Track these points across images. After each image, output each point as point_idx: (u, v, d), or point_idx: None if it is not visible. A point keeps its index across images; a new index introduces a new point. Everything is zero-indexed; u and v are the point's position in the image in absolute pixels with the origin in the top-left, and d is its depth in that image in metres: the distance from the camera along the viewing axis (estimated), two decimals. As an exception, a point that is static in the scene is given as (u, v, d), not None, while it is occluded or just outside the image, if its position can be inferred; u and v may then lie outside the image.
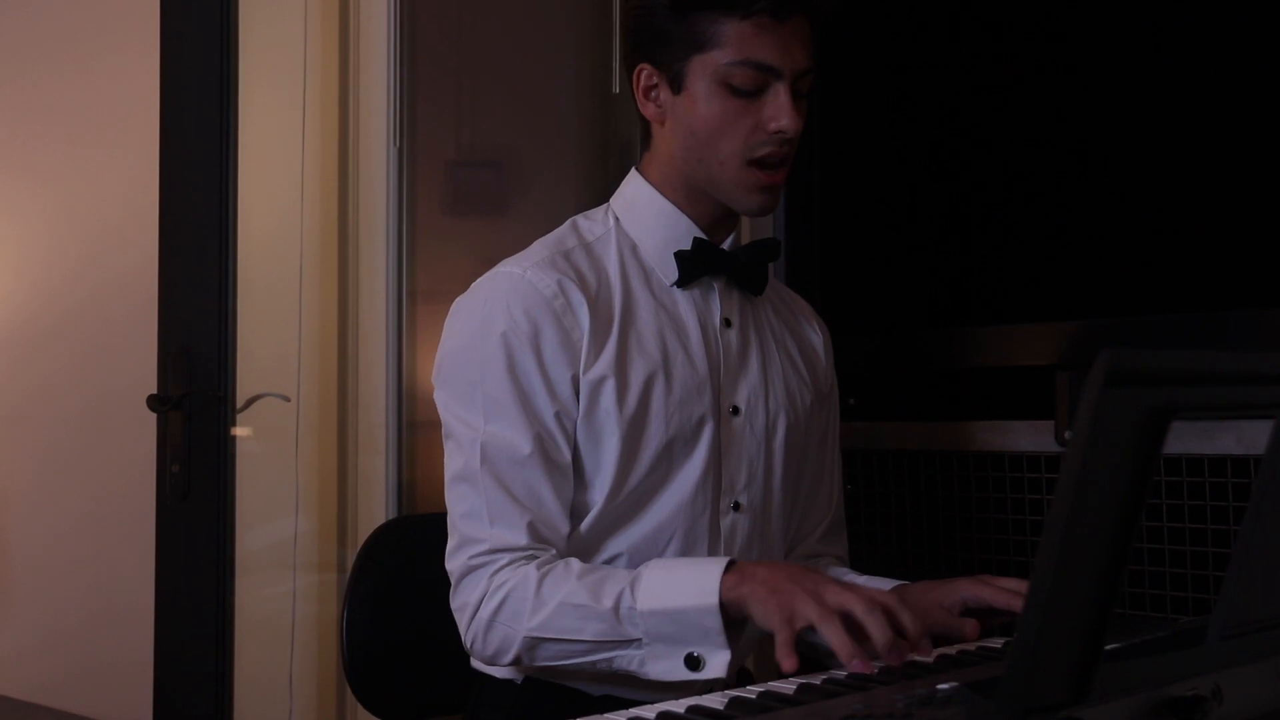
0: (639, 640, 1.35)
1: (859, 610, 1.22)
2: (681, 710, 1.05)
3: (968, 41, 2.17)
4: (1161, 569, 1.82)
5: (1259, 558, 0.90)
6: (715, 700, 1.08)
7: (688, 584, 1.33)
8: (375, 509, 2.74)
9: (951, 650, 1.36)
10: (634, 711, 1.05)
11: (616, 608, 1.35)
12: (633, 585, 1.36)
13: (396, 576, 1.72)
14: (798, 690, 1.12)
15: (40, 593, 2.84)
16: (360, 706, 1.72)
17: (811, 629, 1.24)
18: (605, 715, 1.04)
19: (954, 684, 0.89)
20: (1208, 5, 1.89)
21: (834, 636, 1.20)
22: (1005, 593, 1.43)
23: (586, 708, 1.16)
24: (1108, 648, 0.80)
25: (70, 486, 2.86)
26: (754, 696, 1.10)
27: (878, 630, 1.21)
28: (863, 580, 1.63)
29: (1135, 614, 1.83)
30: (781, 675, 1.22)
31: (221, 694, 2.39)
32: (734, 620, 1.32)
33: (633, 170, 1.62)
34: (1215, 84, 1.87)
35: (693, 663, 1.33)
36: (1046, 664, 0.76)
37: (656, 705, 1.07)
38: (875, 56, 2.22)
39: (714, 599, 1.31)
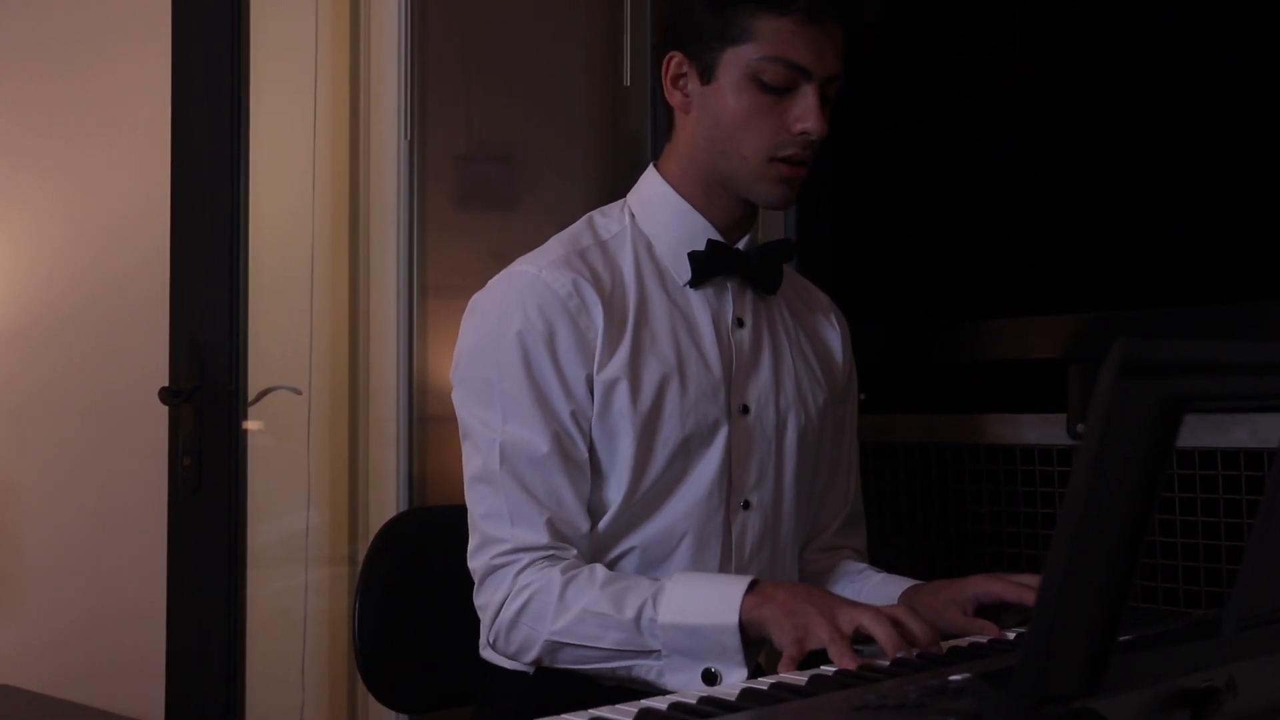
0: (658, 651, 1.37)
1: (866, 622, 1.25)
2: (693, 701, 1.05)
3: (978, 37, 2.16)
4: (1174, 562, 1.82)
5: (1273, 550, 0.90)
6: (728, 691, 1.08)
7: (710, 601, 1.35)
8: (386, 502, 2.74)
9: (963, 642, 1.36)
10: (646, 702, 1.05)
11: (638, 618, 1.37)
12: (655, 597, 1.37)
13: (408, 569, 1.73)
14: (809, 681, 1.12)
15: (52, 586, 2.84)
16: (372, 698, 1.72)
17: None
18: (617, 706, 1.04)
19: (966, 675, 0.89)
20: (1214, 2, 1.88)
21: (837, 656, 1.22)
22: (1017, 587, 1.44)
23: (598, 699, 1.16)
24: (1121, 639, 0.80)
25: (81, 480, 2.86)
26: (766, 688, 1.09)
27: (886, 639, 1.23)
28: (879, 578, 1.63)
29: (1148, 607, 1.83)
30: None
31: (233, 687, 2.39)
32: (752, 640, 1.34)
33: (650, 167, 1.62)
34: (1223, 76, 1.86)
35: (709, 678, 1.35)
36: (1060, 655, 0.76)
37: (669, 696, 1.07)
38: (887, 51, 2.21)
39: (734, 619, 1.33)
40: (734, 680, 1.33)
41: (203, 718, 2.41)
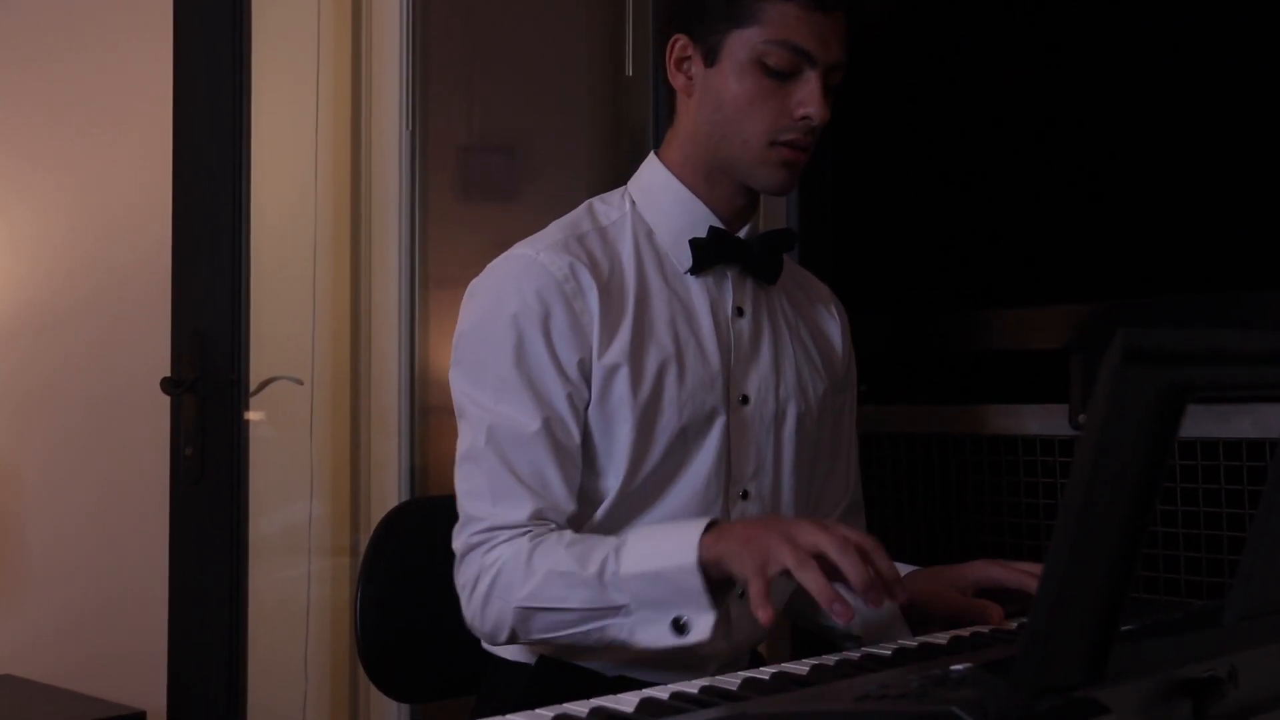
0: (626, 607, 1.34)
1: (833, 551, 1.20)
2: (695, 691, 1.05)
3: (981, 26, 2.16)
4: (1176, 552, 1.82)
5: (1275, 540, 0.90)
6: (729, 681, 1.08)
7: (668, 545, 1.32)
8: (388, 492, 2.74)
9: (965, 632, 1.36)
10: (648, 692, 1.05)
11: (601, 573, 1.35)
12: (617, 550, 1.35)
13: (410, 559, 1.73)
14: (811, 671, 1.12)
15: (54, 576, 2.85)
16: (374, 688, 1.72)
17: (787, 574, 1.22)
18: (618, 695, 1.04)
19: (968, 664, 0.89)
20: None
21: (811, 582, 1.18)
22: (1018, 572, 1.44)
23: (600, 689, 1.16)
24: (1122, 629, 0.80)
25: (84, 470, 2.87)
26: (767, 678, 1.10)
27: (853, 570, 1.18)
28: None
29: (1150, 597, 1.83)
30: (793, 658, 1.22)
31: (236, 677, 2.40)
32: (718, 582, 1.31)
33: (651, 154, 1.62)
34: (1227, 63, 1.86)
35: (680, 628, 1.31)
36: (1061, 645, 0.76)
37: (670, 686, 1.07)
38: (890, 41, 2.21)
39: (693, 557, 1.29)
40: (703, 626, 1.30)
41: (205, 707, 2.41)
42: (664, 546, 1.33)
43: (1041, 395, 1.99)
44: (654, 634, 1.33)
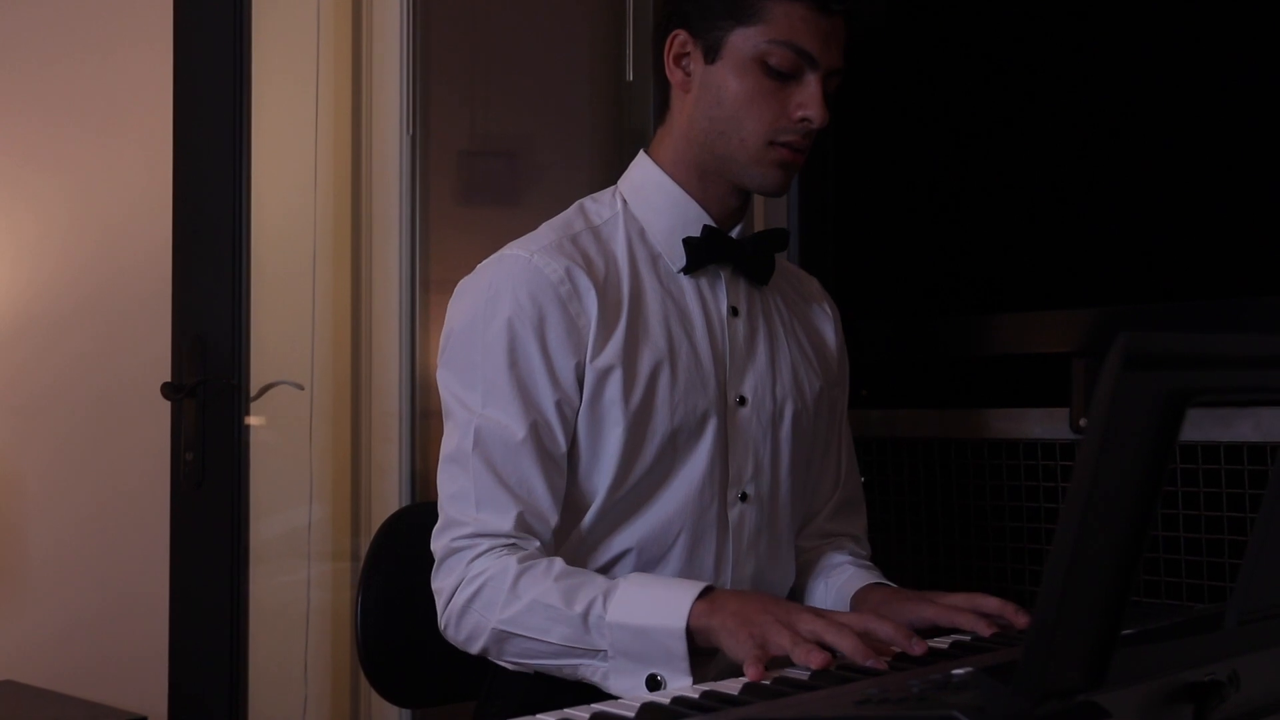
0: (604, 652, 1.34)
1: (829, 636, 1.19)
2: (696, 696, 1.05)
3: (982, 29, 2.16)
4: (1177, 556, 1.82)
5: (1276, 544, 0.90)
6: (730, 686, 1.08)
7: (659, 603, 1.31)
8: (389, 497, 2.74)
9: (966, 636, 1.36)
10: (650, 696, 1.05)
11: (586, 615, 1.34)
12: (606, 595, 1.35)
13: (410, 564, 1.72)
14: (812, 676, 1.12)
15: (55, 581, 2.85)
16: (375, 693, 1.72)
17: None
18: (620, 700, 1.04)
19: (969, 669, 0.89)
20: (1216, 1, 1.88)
21: (806, 659, 1.16)
22: (949, 610, 1.41)
23: (601, 695, 1.16)
24: (1124, 634, 0.80)
25: (85, 475, 2.87)
26: (769, 683, 1.10)
27: (851, 650, 1.17)
28: (852, 572, 1.62)
29: (1151, 601, 1.83)
30: (791, 664, 1.21)
31: (236, 681, 2.39)
32: (700, 649, 1.30)
33: (641, 153, 1.61)
34: (1227, 69, 1.86)
35: (654, 684, 1.31)
36: (1063, 649, 0.76)
37: (671, 691, 1.07)
38: (891, 44, 2.21)
39: (681, 623, 1.29)
40: (678, 690, 1.28)
41: (206, 712, 2.41)
42: (655, 603, 1.31)
43: (1043, 399, 1.98)
44: (627, 684, 1.32)
